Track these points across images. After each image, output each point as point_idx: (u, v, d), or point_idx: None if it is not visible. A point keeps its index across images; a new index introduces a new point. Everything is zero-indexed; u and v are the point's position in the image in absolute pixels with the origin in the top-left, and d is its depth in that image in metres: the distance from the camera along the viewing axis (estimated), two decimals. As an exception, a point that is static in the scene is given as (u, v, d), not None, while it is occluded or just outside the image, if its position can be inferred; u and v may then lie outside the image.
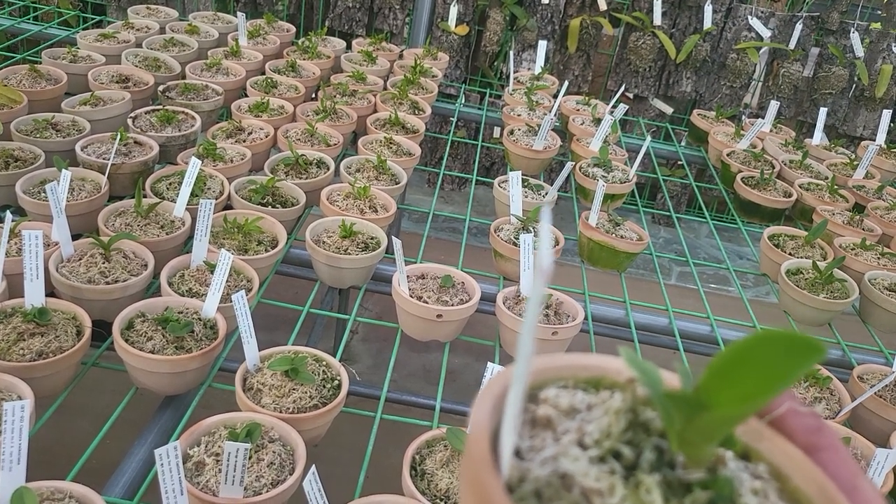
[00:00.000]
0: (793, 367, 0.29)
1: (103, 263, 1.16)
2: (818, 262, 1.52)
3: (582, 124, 2.06)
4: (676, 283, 3.29)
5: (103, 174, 1.37)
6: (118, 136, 1.42)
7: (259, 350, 1.04)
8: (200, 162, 1.31)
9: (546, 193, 1.70)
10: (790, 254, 1.61)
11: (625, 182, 1.79)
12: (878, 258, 1.62)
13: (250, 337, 1.02)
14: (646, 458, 0.32)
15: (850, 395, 1.20)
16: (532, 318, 0.32)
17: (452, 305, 1.24)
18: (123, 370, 1.06)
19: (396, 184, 1.60)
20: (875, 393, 1.20)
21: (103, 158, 1.41)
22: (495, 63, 3.06)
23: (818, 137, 2.27)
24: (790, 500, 0.34)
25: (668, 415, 0.32)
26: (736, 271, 1.71)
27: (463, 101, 2.60)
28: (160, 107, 1.64)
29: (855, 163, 2.09)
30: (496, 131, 2.96)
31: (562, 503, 0.31)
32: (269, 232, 1.36)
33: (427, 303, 1.23)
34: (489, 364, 0.97)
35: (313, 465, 0.78)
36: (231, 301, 1.02)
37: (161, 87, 1.77)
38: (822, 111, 2.26)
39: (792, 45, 2.88)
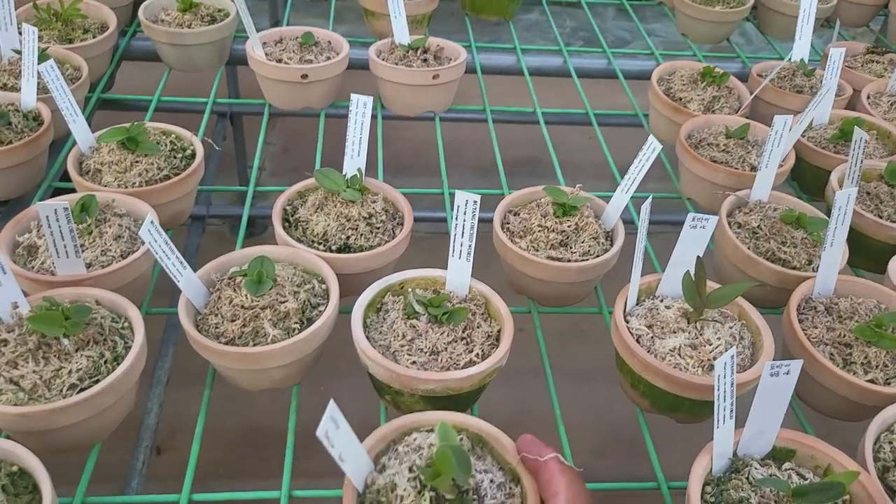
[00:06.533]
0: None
1: None
2: (712, -26, 1.41)
3: None
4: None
5: None
6: None
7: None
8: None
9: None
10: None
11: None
12: (775, -35, 1.53)
13: (75, 116, 0.88)
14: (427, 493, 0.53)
15: (749, 92, 1.14)
16: None
17: (318, 64, 1.10)
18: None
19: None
20: (774, 84, 1.15)
21: None
22: None
23: None
24: (522, 500, 0.56)
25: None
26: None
27: None
28: None
29: None
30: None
31: None
32: (96, 18, 1.17)
33: (288, 64, 1.09)
34: (353, 96, 0.86)
35: (150, 212, 0.67)
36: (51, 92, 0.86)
37: None
38: None
39: None
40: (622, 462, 1.53)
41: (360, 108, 0.85)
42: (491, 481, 0.56)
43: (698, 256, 0.71)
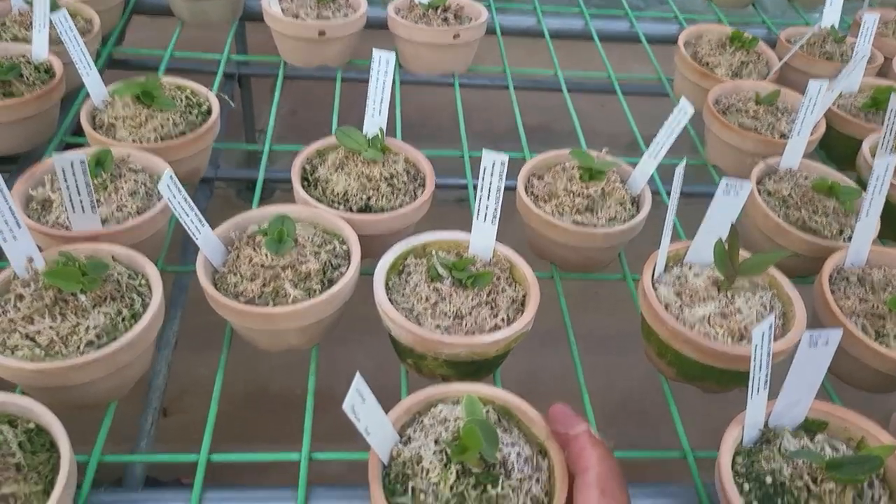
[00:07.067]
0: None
1: None
2: (740, -63, 1.37)
3: None
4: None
5: None
6: None
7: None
8: None
9: None
10: (710, -65, 1.45)
11: None
12: (803, -72, 1.48)
13: (89, 68, 0.85)
14: (453, 467, 0.52)
15: (778, 58, 1.11)
16: None
17: (335, 20, 1.07)
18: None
19: None
20: (804, 51, 1.11)
21: None
22: None
23: None
24: (549, 474, 0.55)
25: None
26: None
27: None
28: None
29: None
30: None
31: None
32: (107, -31, 1.14)
33: (305, 20, 1.06)
34: (376, 52, 0.83)
35: (168, 169, 0.65)
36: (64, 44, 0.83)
37: None
38: None
39: None
40: (631, 430, 1.53)
41: (383, 66, 0.83)
42: (518, 455, 0.54)
43: (733, 224, 0.69)
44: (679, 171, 0.68)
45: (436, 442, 0.54)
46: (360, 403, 0.49)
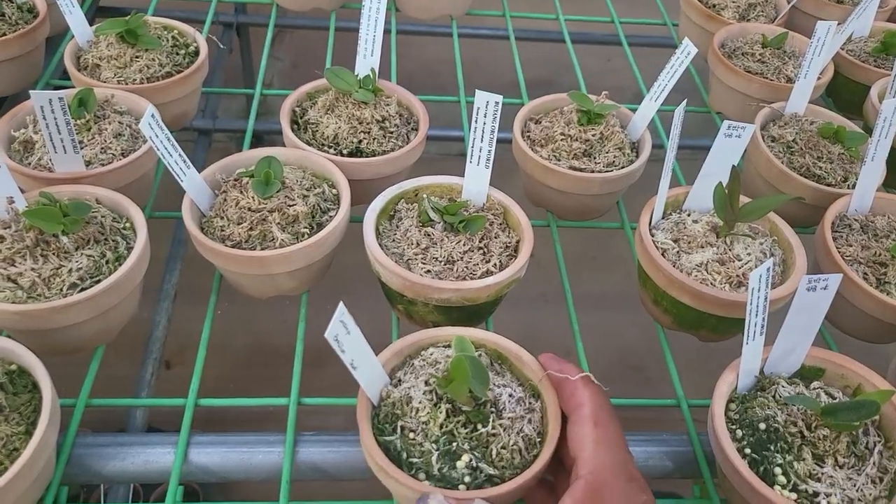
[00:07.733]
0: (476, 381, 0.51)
1: None
2: None
3: None
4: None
5: None
6: None
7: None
8: None
9: None
10: None
11: None
12: None
13: (72, 6, 0.82)
14: (443, 405, 0.51)
15: (786, 0, 1.07)
16: None
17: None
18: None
19: None
20: (814, -6, 1.08)
21: None
22: None
23: None
24: (542, 415, 0.54)
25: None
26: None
27: None
28: None
29: None
30: None
31: None
32: None
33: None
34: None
35: (150, 107, 0.63)
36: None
37: None
38: None
39: None
40: (628, 389, 1.52)
41: (374, 3, 0.80)
42: (510, 395, 0.53)
43: (734, 166, 0.67)
44: (679, 111, 0.65)
45: (426, 383, 0.53)
46: (343, 334, 0.48)
